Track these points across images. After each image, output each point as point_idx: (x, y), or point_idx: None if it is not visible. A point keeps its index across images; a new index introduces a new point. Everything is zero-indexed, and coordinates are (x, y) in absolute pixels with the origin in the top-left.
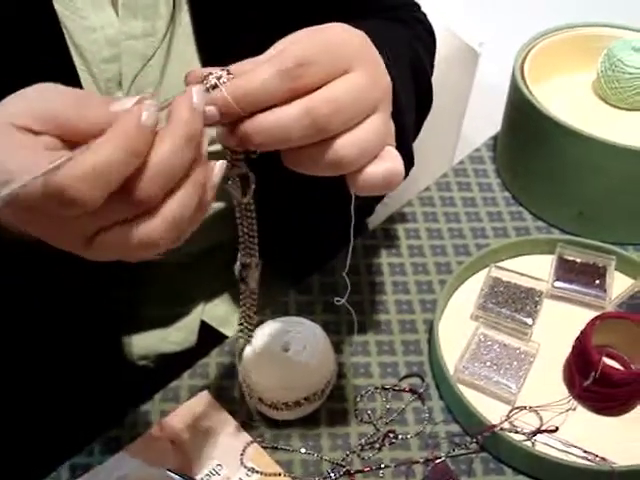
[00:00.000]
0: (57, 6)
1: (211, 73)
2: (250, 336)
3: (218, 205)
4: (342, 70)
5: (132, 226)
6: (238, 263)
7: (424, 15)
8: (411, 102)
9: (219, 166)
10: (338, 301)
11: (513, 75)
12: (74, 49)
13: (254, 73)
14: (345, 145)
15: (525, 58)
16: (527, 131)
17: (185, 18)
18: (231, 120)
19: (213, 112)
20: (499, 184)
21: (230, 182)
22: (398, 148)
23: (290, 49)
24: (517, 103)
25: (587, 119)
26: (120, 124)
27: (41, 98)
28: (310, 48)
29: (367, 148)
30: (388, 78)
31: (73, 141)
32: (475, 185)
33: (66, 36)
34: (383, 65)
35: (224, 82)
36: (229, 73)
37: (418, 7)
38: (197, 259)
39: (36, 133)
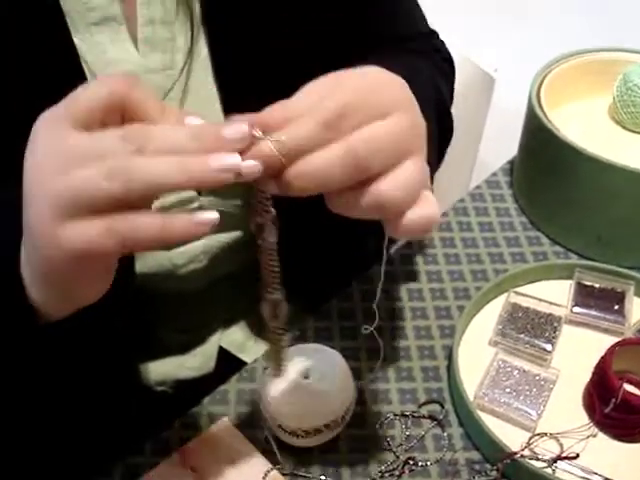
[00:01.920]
0: (77, 40)
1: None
2: (281, 372)
3: (234, 234)
4: (382, 114)
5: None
6: (264, 301)
7: (442, 43)
8: (434, 143)
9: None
10: (366, 329)
11: (530, 101)
12: None
13: (297, 127)
14: (389, 187)
15: (541, 84)
16: (544, 156)
17: (203, 51)
18: (273, 170)
19: (258, 167)
20: (516, 209)
21: (254, 227)
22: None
23: (331, 100)
24: (534, 129)
25: (603, 144)
26: None
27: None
28: (350, 97)
29: (409, 190)
30: (424, 122)
31: None
32: (492, 210)
33: (85, 70)
34: (419, 109)
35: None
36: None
37: (437, 35)
38: (214, 286)
39: None
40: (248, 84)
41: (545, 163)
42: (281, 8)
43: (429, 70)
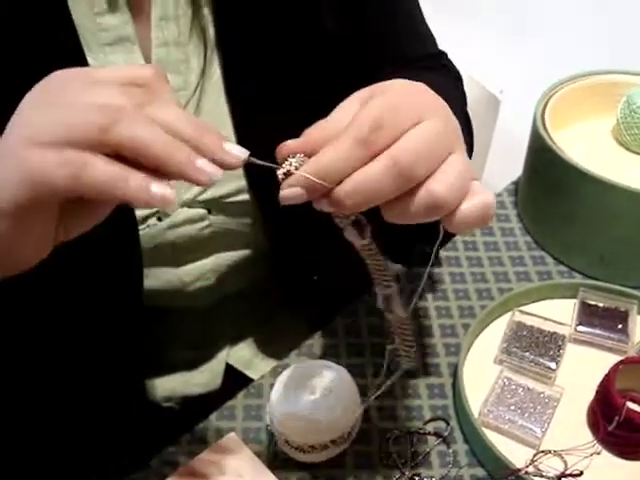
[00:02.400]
0: (90, 60)
1: (288, 158)
2: (411, 358)
3: (243, 252)
4: (414, 122)
5: None
6: (380, 298)
7: (451, 62)
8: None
9: None
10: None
11: (534, 122)
12: None
13: (334, 148)
14: (438, 186)
15: (546, 105)
16: (548, 177)
17: (216, 72)
18: (321, 193)
19: (299, 193)
20: (521, 229)
21: (346, 232)
22: None
23: (361, 116)
24: (538, 150)
25: (607, 165)
26: None
27: None
28: (380, 111)
29: (458, 185)
30: (455, 119)
31: None
32: (497, 230)
33: None
34: (448, 108)
35: (301, 164)
36: (305, 155)
37: (445, 55)
38: (222, 303)
39: None
40: (260, 105)
41: (549, 183)
42: (293, 31)
43: (447, 83)
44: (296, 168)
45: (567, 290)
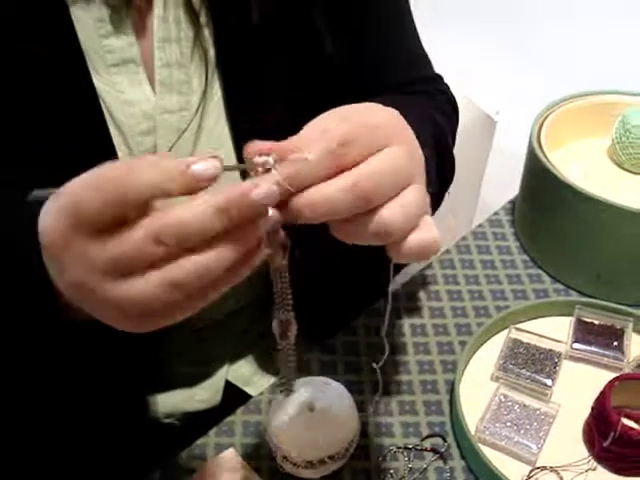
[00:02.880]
0: (96, 82)
1: (263, 157)
2: (291, 390)
3: None
4: (381, 146)
5: (157, 268)
6: (275, 321)
7: (447, 87)
8: (433, 177)
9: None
10: (376, 363)
11: (530, 142)
12: (112, 122)
13: (302, 155)
14: (390, 214)
15: (542, 125)
16: (544, 196)
17: (217, 93)
18: (283, 198)
19: (276, 192)
20: (518, 247)
21: (272, 247)
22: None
23: (333, 130)
24: (534, 169)
25: (603, 184)
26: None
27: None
28: (352, 128)
29: (410, 216)
30: (421, 152)
31: None
32: (494, 248)
33: (104, 110)
34: (416, 141)
35: (275, 167)
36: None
37: (441, 78)
38: (222, 321)
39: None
40: (259, 125)
41: (545, 202)
42: (292, 54)
43: (428, 107)
44: (268, 170)
45: (563, 308)
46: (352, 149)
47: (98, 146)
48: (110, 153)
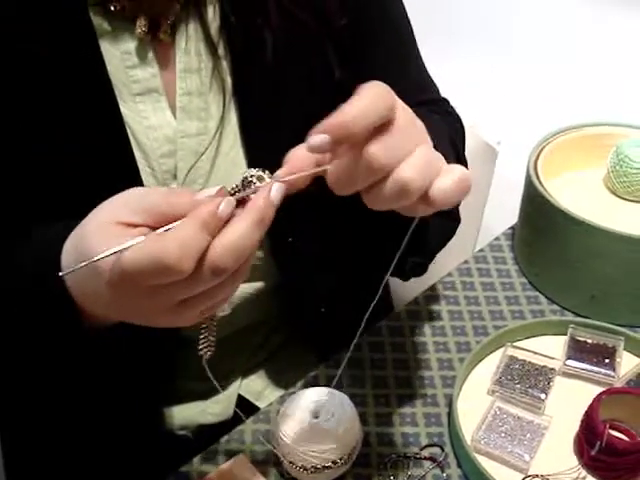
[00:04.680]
0: (123, 109)
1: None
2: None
3: (256, 285)
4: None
5: (213, 291)
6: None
7: (453, 109)
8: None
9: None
10: None
11: (527, 171)
12: (136, 146)
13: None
14: (405, 169)
15: (539, 155)
16: (541, 222)
17: (233, 119)
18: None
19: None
20: (517, 270)
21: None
22: (446, 212)
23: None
24: (531, 196)
25: (598, 211)
26: (200, 209)
27: (138, 195)
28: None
29: (425, 168)
30: (421, 122)
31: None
32: (494, 271)
33: (129, 135)
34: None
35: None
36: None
37: (447, 102)
38: (236, 337)
39: (135, 226)
40: (273, 149)
41: (541, 228)
42: (305, 81)
43: (444, 124)
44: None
45: (558, 327)
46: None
47: (124, 167)
48: (134, 174)
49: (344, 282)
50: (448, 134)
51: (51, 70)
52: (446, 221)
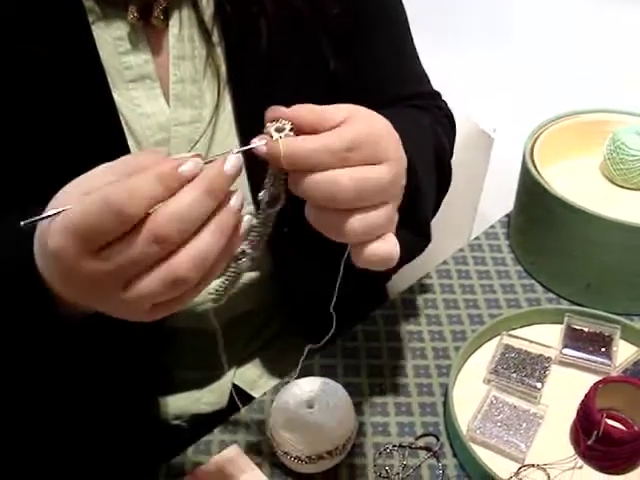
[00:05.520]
0: (116, 96)
1: (277, 121)
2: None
3: (251, 275)
4: (379, 160)
5: (160, 266)
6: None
7: (445, 103)
8: (431, 184)
9: (247, 220)
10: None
11: (523, 158)
12: (129, 133)
13: (308, 143)
14: (359, 221)
15: (535, 142)
16: (536, 209)
17: (228, 106)
18: (275, 161)
19: (262, 151)
20: (512, 258)
21: (263, 193)
22: (414, 225)
23: (344, 132)
24: (527, 184)
25: (595, 198)
26: (161, 163)
27: (102, 172)
28: (361, 135)
29: (375, 228)
30: (404, 181)
31: None
32: (490, 259)
33: (122, 122)
34: (405, 164)
35: (282, 136)
36: (292, 129)
37: (439, 95)
38: (230, 326)
39: None
40: None
41: (537, 215)
42: (299, 70)
43: (429, 121)
44: (280, 136)
45: (554, 316)
46: (355, 155)
47: (117, 155)
48: None
49: (338, 271)
50: (433, 142)
51: (43, 56)
52: (415, 238)
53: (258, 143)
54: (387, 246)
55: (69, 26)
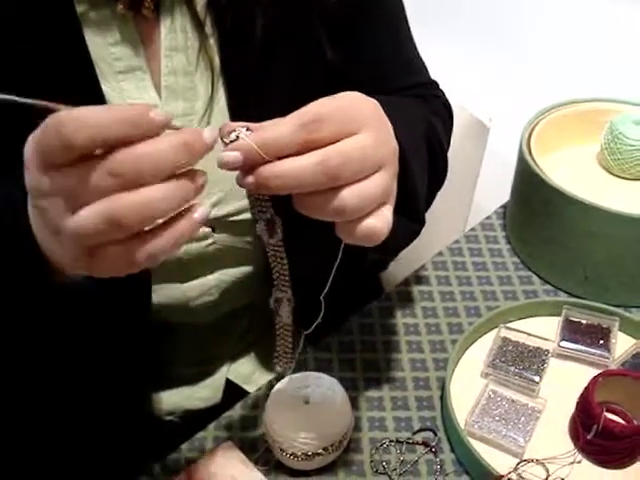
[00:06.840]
0: (105, 88)
1: (235, 130)
2: (290, 364)
3: (245, 269)
4: (352, 131)
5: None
6: (273, 297)
7: (442, 92)
8: (423, 168)
9: (204, 177)
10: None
11: (520, 148)
12: None
13: (276, 124)
14: (351, 195)
15: (532, 132)
16: (534, 200)
17: (221, 99)
18: (251, 165)
19: (237, 157)
20: (509, 250)
21: (258, 226)
22: (406, 210)
23: (308, 107)
24: (524, 174)
25: (592, 189)
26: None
27: None
28: (326, 107)
29: (367, 201)
30: (395, 143)
31: None
32: (486, 251)
33: None
34: (391, 130)
35: (245, 135)
36: (248, 129)
37: (437, 85)
38: (223, 321)
39: None
40: None
41: (535, 206)
42: (294, 60)
43: (424, 106)
44: (237, 137)
45: (552, 308)
46: (324, 126)
47: None
48: None
49: (332, 265)
50: (424, 130)
51: (30, 47)
52: (410, 223)
53: (230, 153)
54: (376, 222)
55: (57, 16)
